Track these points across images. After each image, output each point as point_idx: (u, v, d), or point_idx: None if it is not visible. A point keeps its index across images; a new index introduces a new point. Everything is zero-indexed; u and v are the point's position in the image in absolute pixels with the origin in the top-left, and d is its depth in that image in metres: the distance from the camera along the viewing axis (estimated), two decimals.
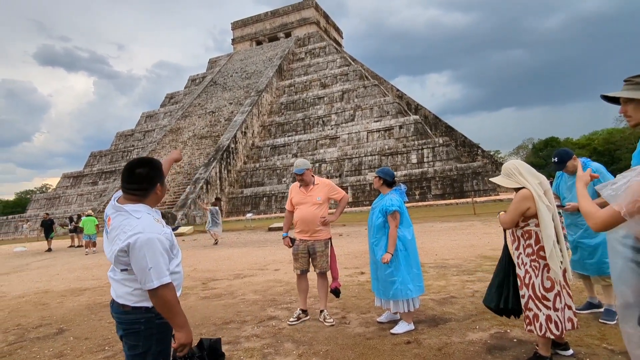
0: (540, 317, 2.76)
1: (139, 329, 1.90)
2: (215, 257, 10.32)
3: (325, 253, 4.24)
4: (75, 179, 44.39)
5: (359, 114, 37.75)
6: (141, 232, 1.78)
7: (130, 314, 1.91)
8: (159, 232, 1.85)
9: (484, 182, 28.06)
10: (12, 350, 4.06)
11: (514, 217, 2.83)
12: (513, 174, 2.89)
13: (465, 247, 8.72)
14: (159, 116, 49.72)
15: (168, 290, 1.81)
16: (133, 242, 1.77)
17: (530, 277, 2.82)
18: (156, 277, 1.77)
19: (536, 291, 2.79)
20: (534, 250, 2.81)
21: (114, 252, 1.84)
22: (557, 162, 3.78)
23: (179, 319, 1.85)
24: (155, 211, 2.02)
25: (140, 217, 1.86)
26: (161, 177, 2.01)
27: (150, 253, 1.77)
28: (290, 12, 59.23)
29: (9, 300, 6.82)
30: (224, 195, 34.71)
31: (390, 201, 3.81)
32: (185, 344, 1.86)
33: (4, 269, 12.01)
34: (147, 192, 1.95)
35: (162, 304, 1.82)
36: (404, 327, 3.69)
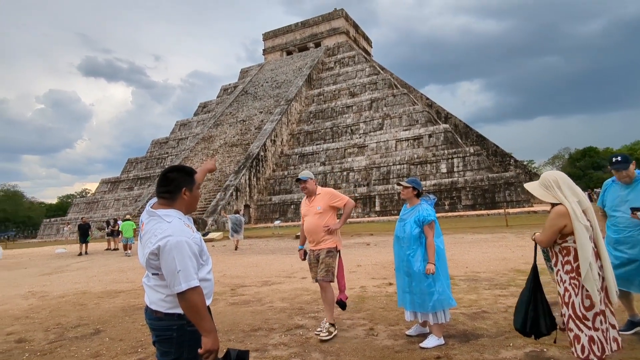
0: (582, 339, 2.60)
1: (171, 335, 1.94)
2: (244, 264, 10.47)
3: (325, 261, 4.13)
4: (113, 185, 46.35)
5: (387, 123, 37.52)
6: (171, 235, 1.83)
7: (163, 320, 1.95)
8: (188, 236, 1.89)
9: (517, 193, 27.12)
10: (52, 349, 4.26)
11: (550, 235, 2.68)
12: (551, 187, 2.72)
13: (497, 260, 8.44)
14: (192, 124, 51.29)
15: (196, 294, 1.83)
16: (163, 245, 1.82)
17: (569, 295, 2.67)
18: (184, 280, 1.80)
19: (576, 310, 2.63)
20: (573, 267, 2.65)
21: (145, 256, 1.89)
22: (620, 161, 3.49)
23: (206, 324, 1.86)
24: (187, 218, 2.08)
25: (171, 221, 1.91)
26: (188, 182, 2.04)
27: (179, 256, 1.81)
28: (320, 23, 59.97)
29: (51, 299, 7.17)
30: (253, 202, 35.23)
31: (427, 211, 3.79)
32: (211, 349, 1.84)
33: (46, 269, 12.65)
34: (174, 196, 2.00)
35: (190, 307, 1.84)
36: (434, 341, 3.60)
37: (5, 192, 70.29)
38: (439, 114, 49.44)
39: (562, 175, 2.76)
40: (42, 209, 74.96)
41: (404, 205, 4.09)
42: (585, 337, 2.58)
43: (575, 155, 63.44)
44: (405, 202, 4.08)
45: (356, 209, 31.41)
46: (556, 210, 2.65)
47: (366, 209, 31.19)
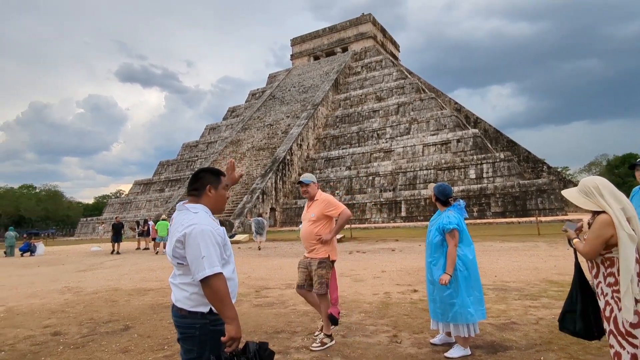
0: (623, 356, 2.42)
1: (194, 334, 1.98)
2: (269, 266, 10.56)
3: (317, 273, 3.96)
4: (145, 186, 47.94)
5: (414, 127, 37.05)
6: (196, 224, 1.93)
7: (187, 318, 2.00)
8: (213, 226, 1.98)
9: (550, 201, 26.08)
10: (84, 342, 4.44)
11: (595, 246, 2.48)
12: (592, 194, 2.53)
13: (528, 269, 8.14)
14: (221, 128, 52.40)
15: (219, 280, 1.88)
16: (189, 232, 1.91)
17: (612, 309, 2.49)
18: (208, 265, 1.86)
19: (619, 327, 2.44)
20: (617, 279, 2.46)
21: (172, 244, 1.99)
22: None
23: (229, 311, 1.89)
24: (214, 218, 2.16)
25: (198, 212, 2.03)
26: (214, 181, 2.15)
27: (204, 243, 1.89)
28: (347, 28, 60.11)
29: (85, 295, 7.48)
30: (279, 205, 35.54)
31: (448, 219, 3.64)
32: (234, 337, 1.87)
33: (82, 266, 13.21)
34: (200, 193, 2.12)
35: (213, 294, 1.88)
36: (459, 351, 3.50)
37: (47, 192, 74.27)
38: (468, 119, 48.40)
39: (603, 180, 2.58)
40: (80, 209, 78.49)
41: (437, 210, 3.98)
42: (627, 355, 2.41)
43: (614, 162, 60.36)
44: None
45: (381, 214, 31.12)
46: (602, 220, 2.47)
47: (392, 214, 30.83)
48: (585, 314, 2.71)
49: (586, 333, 2.71)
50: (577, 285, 2.79)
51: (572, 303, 2.80)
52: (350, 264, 10.37)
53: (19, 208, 64.83)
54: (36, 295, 7.73)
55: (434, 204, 3.96)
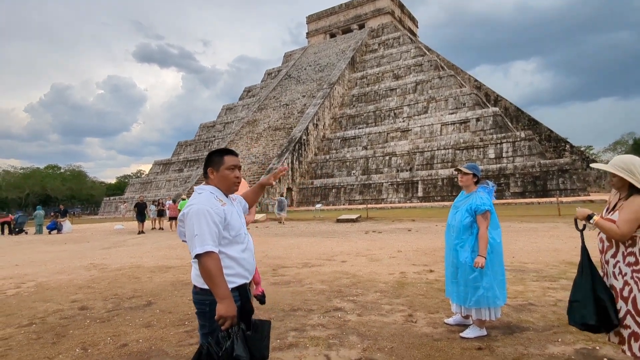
0: None
1: (205, 310, 2.05)
2: (285, 245, 10.71)
3: None
4: (165, 166, 48.81)
5: (432, 106, 36.30)
6: (194, 204, 2.02)
7: (199, 294, 2.08)
8: (212, 206, 2.02)
9: (571, 181, 25.44)
10: (110, 317, 4.63)
11: (634, 227, 2.40)
12: (638, 173, 2.44)
13: (548, 250, 8.02)
14: (238, 109, 52.49)
15: (210, 259, 1.92)
16: (187, 212, 2.02)
17: (631, 289, 2.46)
18: (199, 244, 1.92)
19: (638, 307, 2.42)
20: (637, 259, 2.43)
21: (179, 224, 2.15)
22: None
23: (219, 290, 1.91)
24: (231, 199, 2.24)
25: (201, 192, 2.12)
26: (215, 163, 2.20)
27: (198, 222, 1.96)
28: (364, 3, 58.52)
29: (110, 271, 7.76)
30: (295, 185, 35.72)
31: (481, 199, 3.53)
32: (224, 316, 1.89)
33: (106, 243, 13.68)
34: (206, 175, 2.23)
35: (203, 272, 1.93)
36: (476, 331, 3.50)
37: (71, 171, 76.56)
38: (488, 97, 47.10)
39: (638, 159, 2.50)
40: (103, 188, 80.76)
41: (462, 192, 3.88)
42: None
43: None
44: (462, 188, 3.86)
45: (398, 194, 30.98)
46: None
47: (408, 194, 30.64)
48: (597, 302, 2.58)
49: (589, 322, 2.57)
50: (588, 272, 2.68)
51: (578, 292, 2.69)
52: (367, 243, 10.42)
53: (45, 187, 67.15)
54: (64, 271, 8.06)
55: (451, 185, 3.88)
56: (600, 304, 2.57)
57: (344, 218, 18.80)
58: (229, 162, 2.19)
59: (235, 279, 2.08)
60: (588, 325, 2.63)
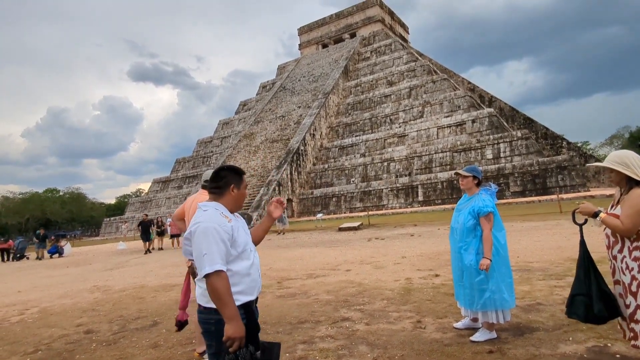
0: None
1: (211, 329, 2.01)
2: (289, 257, 10.66)
3: None
4: (164, 184, 48.78)
5: (427, 110, 36.49)
6: (202, 222, 1.97)
7: (204, 313, 2.04)
8: (219, 223, 1.98)
9: (571, 177, 25.47)
10: (116, 339, 4.58)
11: (637, 220, 2.39)
12: (633, 166, 2.45)
13: (552, 248, 8.00)
14: (234, 123, 52.68)
15: (220, 278, 1.88)
16: (194, 230, 1.97)
17: (638, 284, 2.45)
18: (208, 263, 1.88)
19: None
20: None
21: (184, 243, 2.08)
22: None
23: (227, 310, 1.86)
24: (235, 215, 2.18)
25: (207, 210, 2.06)
26: (237, 180, 2.18)
27: (206, 240, 1.92)
28: (354, 13, 59.16)
29: (113, 293, 7.71)
30: (295, 196, 35.69)
31: (484, 202, 3.54)
32: (233, 337, 1.84)
33: (109, 265, 13.60)
34: (223, 192, 2.16)
35: (212, 292, 1.88)
36: (486, 335, 3.47)
37: (70, 194, 76.47)
38: (482, 98, 47.35)
39: (633, 153, 2.53)
40: (103, 209, 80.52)
41: (464, 194, 3.87)
42: None
43: (637, 134, 58.20)
44: (464, 191, 3.86)
45: (398, 200, 30.96)
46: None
47: (409, 199, 30.62)
48: (602, 294, 2.60)
49: (604, 314, 2.59)
50: (588, 265, 2.70)
51: (581, 285, 2.69)
52: (370, 251, 10.38)
53: (45, 211, 66.98)
54: (67, 295, 8.00)
55: (451, 188, 3.89)
56: (607, 297, 2.59)
57: (346, 226, 18.75)
58: (245, 181, 2.26)
59: (241, 296, 2.02)
60: (595, 317, 2.63)
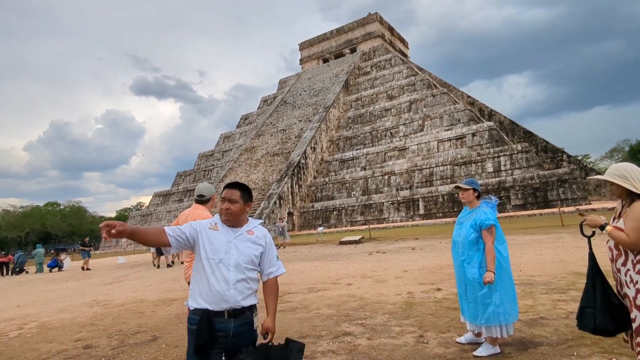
0: None
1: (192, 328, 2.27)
2: (290, 270, 10.60)
3: None
4: (165, 197, 48.77)
5: (428, 124, 36.71)
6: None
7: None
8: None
9: (572, 190, 25.47)
10: (115, 355, 4.53)
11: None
12: (632, 179, 2.45)
13: (554, 262, 7.95)
14: (235, 136, 52.96)
15: None
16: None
17: None
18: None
19: None
20: None
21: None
22: None
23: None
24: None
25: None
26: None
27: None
28: (355, 28, 60.09)
29: (113, 307, 7.64)
30: (296, 209, 35.64)
31: (485, 215, 3.52)
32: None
33: (108, 279, 13.52)
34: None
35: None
36: (489, 349, 3.43)
37: (71, 207, 76.44)
38: (482, 112, 47.67)
39: (633, 166, 2.52)
40: None
41: (464, 207, 3.87)
42: None
43: (637, 147, 58.36)
44: (465, 205, 3.85)
45: (399, 213, 30.89)
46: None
47: (410, 212, 30.56)
48: (607, 305, 2.56)
49: (608, 327, 2.55)
50: (595, 276, 2.66)
51: (589, 297, 2.66)
52: (371, 264, 10.32)
53: (45, 225, 66.82)
54: (66, 309, 7.94)
55: (452, 201, 3.89)
56: (614, 309, 2.54)
57: (347, 240, 18.67)
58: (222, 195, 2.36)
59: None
60: (604, 331, 2.59)
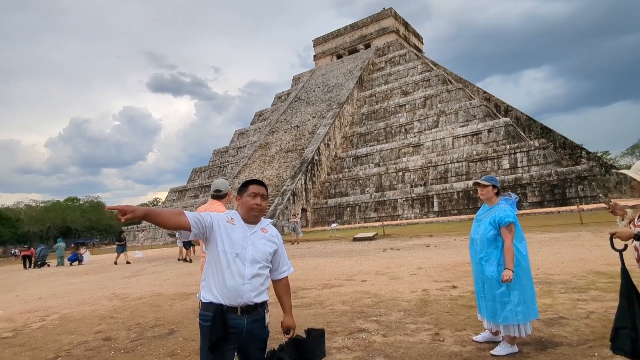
0: None
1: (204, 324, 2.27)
2: (304, 267, 10.64)
3: None
4: (180, 193, 49.46)
5: (443, 120, 36.28)
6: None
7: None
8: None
9: (591, 188, 24.88)
10: (134, 347, 4.63)
11: None
12: None
13: (573, 260, 7.79)
14: (250, 133, 53.30)
15: None
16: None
17: None
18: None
19: None
20: None
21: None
22: None
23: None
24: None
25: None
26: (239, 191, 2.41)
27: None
28: (369, 24, 59.64)
29: (131, 301, 7.80)
30: (309, 205, 35.72)
31: (504, 212, 3.47)
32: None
33: (126, 273, 13.80)
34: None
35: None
36: (507, 349, 3.39)
37: (90, 203, 78.29)
38: (498, 108, 46.87)
39: None
40: None
41: (483, 205, 3.82)
42: None
43: None
44: (483, 202, 3.80)
45: (413, 210, 30.67)
46: None
47: (424, 209, 30.31)
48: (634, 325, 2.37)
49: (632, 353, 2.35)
50: (632, 294, 2.46)
51: (625, 317, 2.45)
52: (385, 261, 10.29)
53: (66, 220, 68.60)
54: (86, 302, 8.14)
55: (467, 198, 3.84)
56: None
57: (361, 236, 18.64)
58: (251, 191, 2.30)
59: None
60: (626, 355, 2.42)
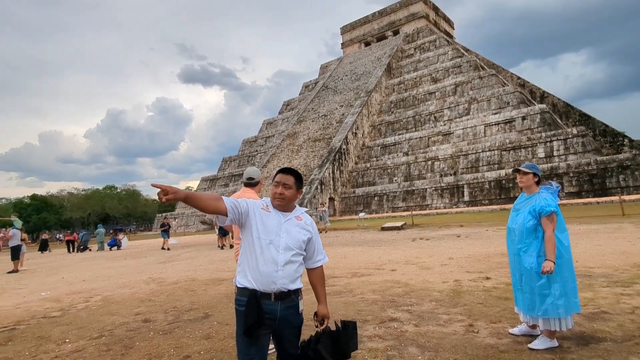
0: None
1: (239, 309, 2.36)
2: (333, 255, 10.70)
3: None
4: (211, 182, 50.69)
5: (474, 107, 35.17)
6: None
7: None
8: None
9: (634, 177, 23.56)
10: (171, 329, 4.82)
11: None
12: None
13: (615, 253, 7.43)
14: (278, 122, 53.67)
15: None
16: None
17: None
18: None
19: None
20: None
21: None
22: None
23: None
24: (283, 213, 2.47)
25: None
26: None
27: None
28: (397, 10, 58.23)
29: (167, 285, 8.11)
30: (337, 195, 35.75)
31: (546, 201, 3.34)
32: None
33: (162, 258, 14.35)
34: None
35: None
36: (546, 342, 3.28)
37: (127, 191, 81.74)
38: (533, 94, 44.95)
39: None
40: (155, 205, 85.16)
41: (521, 194, 3.69)
42: None
43: None
44: (522, 190, 3.68)
45: (443, 200, 30.11)
46: None
47: (454, 199, 29.69)
48: None
49: None
50: None
51: None
52: (415, 251, 10.18)
53: (104, 207, 72.02)
54: (126, 285, 8.53)
55: (499, 188, 3.72)
56: None
57: (389, 226, 18.51)
58: (276, 179, 2.38)
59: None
60: None
